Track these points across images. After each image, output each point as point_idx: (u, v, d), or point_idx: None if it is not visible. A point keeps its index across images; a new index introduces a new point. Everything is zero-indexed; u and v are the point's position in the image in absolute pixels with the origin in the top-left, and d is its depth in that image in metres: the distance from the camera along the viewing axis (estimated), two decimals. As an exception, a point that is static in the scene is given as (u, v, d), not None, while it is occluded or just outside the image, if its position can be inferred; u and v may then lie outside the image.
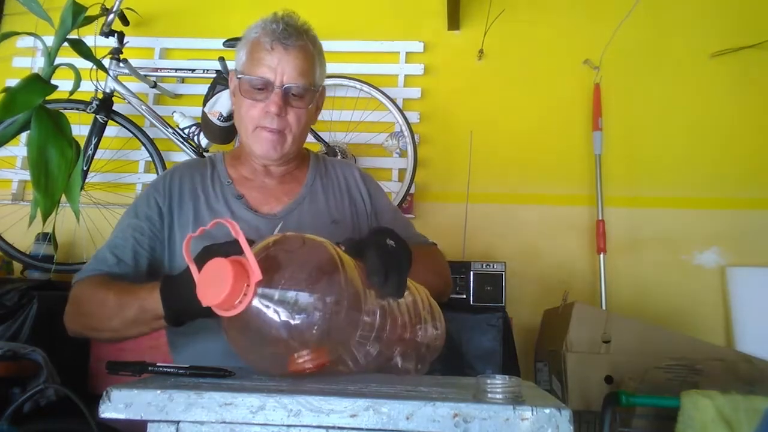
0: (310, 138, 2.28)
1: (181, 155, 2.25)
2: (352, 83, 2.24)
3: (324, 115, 2.33)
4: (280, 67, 1.03)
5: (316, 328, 0.60)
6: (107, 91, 2.18)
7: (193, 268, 0.65)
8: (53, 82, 0.58)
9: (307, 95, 1.07)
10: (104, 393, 0.53)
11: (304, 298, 0.60)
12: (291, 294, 0.59)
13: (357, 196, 1.21)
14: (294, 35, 1.04)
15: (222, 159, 1.18)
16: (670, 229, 2.25)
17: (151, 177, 2.28)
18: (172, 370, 0.68)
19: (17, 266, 2.16)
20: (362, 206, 1.20)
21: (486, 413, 0.50)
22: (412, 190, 2.22)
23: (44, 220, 0.56)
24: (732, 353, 1.70)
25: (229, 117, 2.12)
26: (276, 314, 0.59)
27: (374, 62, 2.45)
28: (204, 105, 2.13)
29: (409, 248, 0.78)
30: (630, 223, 2.27)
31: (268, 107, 1.04)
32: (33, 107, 0.55)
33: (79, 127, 2.12)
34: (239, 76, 1.07)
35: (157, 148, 2.23)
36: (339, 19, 2.48)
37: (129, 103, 2.22)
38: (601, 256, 2.16)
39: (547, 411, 0.50)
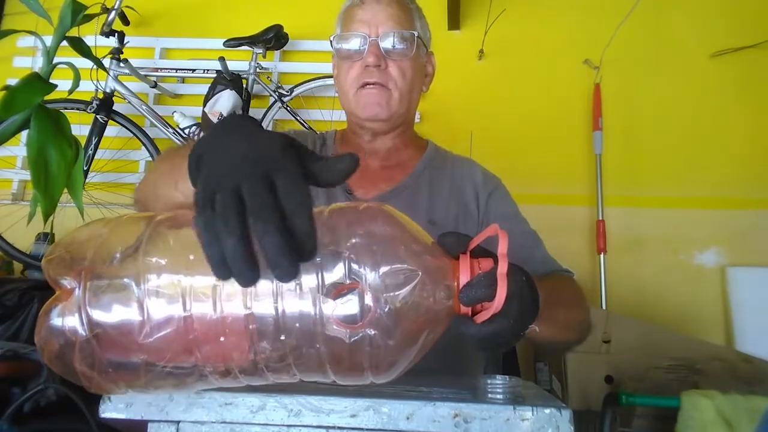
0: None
1: (181, 155, 2.25)
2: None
3: (324, 114, 2.35)
4: (374, 20, 0.99)
5: None
6: (107, 90, 2.18)
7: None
8: (53, 81, 0.58)
9: (408, 45, 1.01)
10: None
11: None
12: None
13: (469, 198, 1.06)
14: None
15: (333, 136, 1.13)
16: (670, 229, 2.25)
17: (151, 177, 2.28)
18: (172, 369, 0.68)
19: (17, 266, 2.16)
20: (473, 210, 1.05)
21: (486, 413, 0.50)
22: (412, 190, 2.22)
23: (45, 219, 0.56)
24: (732, 353, 1.70)
25: (229, 117, 2.12)
26: None
27: (374, 62, 2.45)
28: (204, 105, 2.13)
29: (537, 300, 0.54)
30: (630, 223, 2.27)
31: (366, 60, 0.98)
32: (32, 106, 0.55)
33: (79, 127, 2.12)
34: (333, 44, 1.02)
35: (158, 148, 2.23)
36: (339, 19, 2.48)
37: (129, 103, 2.22)
38: (601, 256, 2.16)
39: (548, 411, 0.50)
